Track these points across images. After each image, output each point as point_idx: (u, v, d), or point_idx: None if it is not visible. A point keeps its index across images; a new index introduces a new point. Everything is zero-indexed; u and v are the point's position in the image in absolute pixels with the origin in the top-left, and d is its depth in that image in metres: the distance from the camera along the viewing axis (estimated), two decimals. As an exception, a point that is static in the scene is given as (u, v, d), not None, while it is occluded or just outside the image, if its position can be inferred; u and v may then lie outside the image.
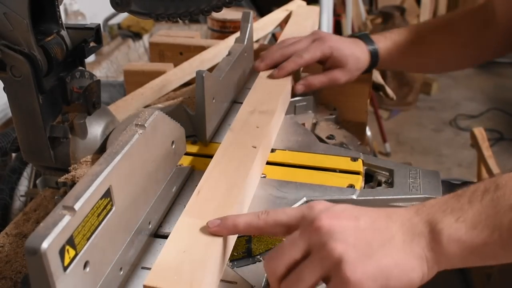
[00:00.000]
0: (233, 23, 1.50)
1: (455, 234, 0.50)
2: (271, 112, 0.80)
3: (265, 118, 0.78)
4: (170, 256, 0.52)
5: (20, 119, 0.70)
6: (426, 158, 3.16)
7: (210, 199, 0.60)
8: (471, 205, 0.52)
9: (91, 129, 0.74)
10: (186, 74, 1.09)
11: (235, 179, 0.63)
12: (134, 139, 0.56)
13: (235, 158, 0.67)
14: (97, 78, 0.74)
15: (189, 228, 0.56)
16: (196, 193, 0.61)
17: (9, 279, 0.65)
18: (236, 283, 0.57)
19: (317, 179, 0.73)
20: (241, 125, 0.76)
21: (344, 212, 0.53)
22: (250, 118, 0.78)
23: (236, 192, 0.61)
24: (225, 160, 0.67)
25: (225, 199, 0.60)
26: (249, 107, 0.81)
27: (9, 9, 0.62)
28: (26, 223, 0.75)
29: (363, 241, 0.50)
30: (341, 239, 0.50)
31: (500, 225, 0.50)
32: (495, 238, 0.50)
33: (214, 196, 0.61)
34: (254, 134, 0.73)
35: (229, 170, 0.65)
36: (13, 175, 1.26)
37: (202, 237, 0.55)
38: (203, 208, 0.59)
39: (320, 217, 0.52)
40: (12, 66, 0.65)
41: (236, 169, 0.65)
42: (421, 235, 0.51)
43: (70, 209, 0.45)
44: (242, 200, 0.63)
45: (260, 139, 0.72)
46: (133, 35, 2.42)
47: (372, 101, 3.00)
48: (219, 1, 0.66)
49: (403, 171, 0.74)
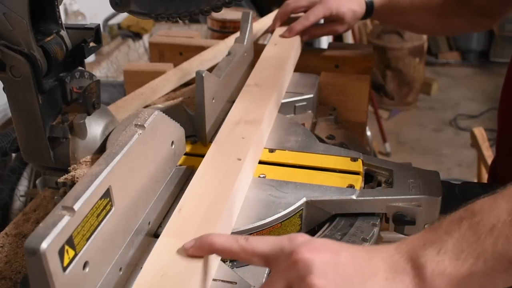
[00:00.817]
0: (233, 23, 1.50)
1: (439, 267, 0.48)
2: (258, 121, 0.76)
3: (251, 128, 0.74)
4: (147, 281, 0.49)
5: (20, 119, 0.70)
6: (426, 158, 3.17)
7: (192, 217, 0.57)
8: (450, 235, 0.49)
9: (91, 129, 0.74)
10: (186, 74, 1.09)
11: (219, 194, 0.60)
12: (134, 139, 0.56)
13: (219, 172, 0.64)
14: (97, 78, 0.74)
15: (168, 250, 0.53)
16: (177, 211, 0.58)
17: (9, 279, 0.65)
18: (236, 283, 0.57)
19: (317, 179, 0.73)
20: (226, 136, 0.72)
21: (324, 245, 0.50)
22: (236, 129, 0.74)
23: (219, 208, 0.58)
24: (208, 175, 0.64)
25: (208, 217, 0.57)
26: (234, 117, 0.77)
27: (9, 9, 0.62)
28: (26, 223, 0.75)
29: (344, 277, 0.48)
30: (320, 274, 0.47)
31: (483, 251, 0.47)
32: (480, 266, 0.47)
33: (195, 213, 0.57)
34: (240, 146, 0.70)
35: (212, 186, 0.62)
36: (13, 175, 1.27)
37: (182, 259, 0.51)
38: (184, 227, 0.55)
39: (299, 250, 0.49)
40: (12, 66, 0.65)
41: (220, 184, 0.62)
42: (404, 272, 0.49)
43: (70, 210, 0.45)
44: (227, 216, 0.60)
45: (245, 150, 0.69)
46: (133, 35, 2.42)
47: (372, 101, 3.00)
48: (219, 1, 0.66)
49: (403, 171, 0.74)
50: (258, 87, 0.87)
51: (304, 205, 0.68)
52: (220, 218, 0.57)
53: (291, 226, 0.67)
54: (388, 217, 0.70)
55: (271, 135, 0.83)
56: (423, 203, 0.68)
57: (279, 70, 0.94)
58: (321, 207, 0.69)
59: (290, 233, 0.53)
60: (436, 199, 0.68)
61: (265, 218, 0.64)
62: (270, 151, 0.79)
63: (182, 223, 0.56)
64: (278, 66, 0.96)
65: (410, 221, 0.69)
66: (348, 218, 0.70)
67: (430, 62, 4.43)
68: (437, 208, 0.68)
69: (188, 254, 0.52)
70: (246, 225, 0.63)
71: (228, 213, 0.60)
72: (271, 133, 0.84)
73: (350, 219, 0.69)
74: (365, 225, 0.68)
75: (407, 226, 0.70)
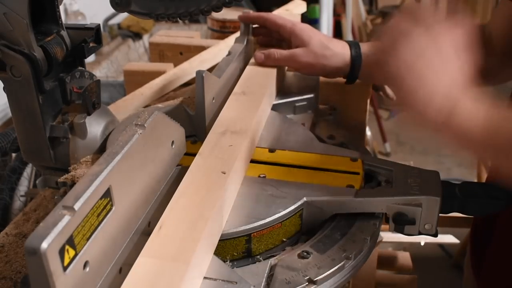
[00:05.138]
0: (233, 23, 1.50)
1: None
2: (244, 131, 0.73)
3: (238, 139, 0.71)
4: None
5: (20, 119, 0.70)
6: (426, 158, 3.17)
7: (172, 235, 0.54)
8: None
9: (91, 129, 0.74)
10: (186, 74, 1.09)
11: (201, 210, 0.57)
12: (134, 139, 0.56)
13: (202, 187, 0.61)
14: (97, 78, 0.74)
15: (147, 271, 0.50)
16: (157, 229, 0.55)
17: (9, 279, 0.65)
18: (236, 283, 0.57)
19: (317, 179, 0.73)
20: (211, 148, 0.69)
21: None
22: (221, 140, 0.71)
23: (201, 225, 0.55)
24: (191, 190, 0.61)
25: (189, 234, 0.54)
26: (220, 128, 0.74)
27: (9, 9, 0.62)
28: (26, 223, 0.75)
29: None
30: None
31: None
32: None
33: (176, 231, 0.55)
34: (225, 158, 0.67)
35: (195, 201, 0.59)
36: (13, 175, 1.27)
37: (161, 281, 0.49)
38: (164, 246, 0.53)
39: None
40: (12, 66, 0.65)
41: (202, 199, 0.59)
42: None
43: (70, 209, 0.45)
44: (211, 232, 0.58)
45: (231, 163, 0.66)
46: (133, 35, 2.42)
47: (372, 101, 3.00)
48: (219, 1, 0.66)
49: (403, 171, 0.74)
50: (245, 95, 0.84)
51: (304, 205, 0.68)
52: (202, 237, 0.54)
53: (291, 226, 0.67)
54: (388, 217, 0.70)
55: (271, 135, 0.83)
56: (423, 203, 0.68)
57: (267, 78, 0.91)
58: (321, 207, 0.69)
59: None
60: (436, 199, 0.68)
61: (265, 218, 0.64)
62: (270, 151, 0.79)
63: (162, 242, 0.54)
64: (266, 73, 0.92)
65: (410, 221, 0.69)
66: (348, 218, 0.70)
67: (430, 62, 4.42)
68: (437, 208, 0.68)
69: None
70: (245, 225, 0.63)
71: (210, 232, 0.58)
72: (271, 133, 0.84)
73: (350, 219, 0.69)
74: (365, 225, 0.68)
75: (407, 226, 0.70)
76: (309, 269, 0.61)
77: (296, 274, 0.60)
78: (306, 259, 0.62)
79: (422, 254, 2.19)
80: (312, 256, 0.63)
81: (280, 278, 0.59)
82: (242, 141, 0.71)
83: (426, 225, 0.69)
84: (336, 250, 0.64)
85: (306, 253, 0.63)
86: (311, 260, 0.62)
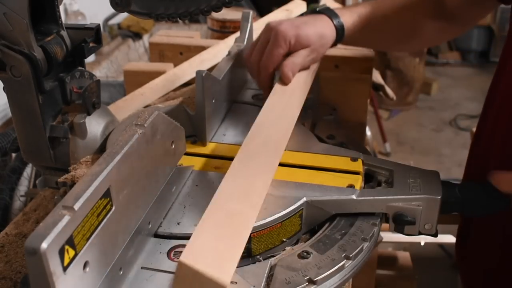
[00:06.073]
0: (233, 23, 1.50)
1: None
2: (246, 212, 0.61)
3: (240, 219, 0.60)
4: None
5: (20, 119, 0.70)
6: (426, 158, 3.17)
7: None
8: None
9: (91, 129, 0.74)
10: (186, 74, 1.09)
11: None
12: (134, 139, 0.56)
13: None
14: (97, 78, 0.74)
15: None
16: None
17: (9, 279, 0.65)
18: (236, 283, 0.57)
19: (317, 179, 0.73)
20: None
21: None
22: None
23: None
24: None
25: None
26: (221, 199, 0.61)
27: (9, 9, 0.62)
28: (26, 223, 0.75)
29: None
30: None
31: None
32: None
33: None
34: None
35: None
36: (13, 175, 1.27)
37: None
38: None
39: None
40: (12, 66, 0.65)
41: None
42: None
43: (70, 209, 0.45)
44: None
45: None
46: (133, 35, 2.42)
47: (372, 101, 3.00)
48: (219, 1, 0.66)
49: (403, 171, 0.74)
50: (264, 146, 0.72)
51: (304, 205, 0.68)
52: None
53: (291, 226, 0.67)
54: (388, 217, 0.70)
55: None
56: (423, 203, 0.68)
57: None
58: (321, 207, 0.69)
59: None
60: (436, 199, 0.68)
61: (265, 218, 0.64)
62: (270, 151, 0.79)
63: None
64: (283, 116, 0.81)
65: (410, 221, 0.69)
66: (348, 218, 0.70)
67: (430, 62, 4.43)
68: (437, 208, 0.69)
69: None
70: (246, 225, 0.63)
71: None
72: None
73: (350, 219, 0.69)
74: (365, 225, 0.68)
75: (407, 226, 0.70)
76: (309, 269, 0.61)
77: (296, 274, 0.60)
78: (306, 259, 0.62)
79: (422, 254, 2.19)
80: (312, 256, 0.63)
81: (280, 278, 0.59)
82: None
83: (426, 225, 0.69)
84: (336, 250, 0.64)
85: (306, 253, 0.63)
86: (311, 260, 0.62)
